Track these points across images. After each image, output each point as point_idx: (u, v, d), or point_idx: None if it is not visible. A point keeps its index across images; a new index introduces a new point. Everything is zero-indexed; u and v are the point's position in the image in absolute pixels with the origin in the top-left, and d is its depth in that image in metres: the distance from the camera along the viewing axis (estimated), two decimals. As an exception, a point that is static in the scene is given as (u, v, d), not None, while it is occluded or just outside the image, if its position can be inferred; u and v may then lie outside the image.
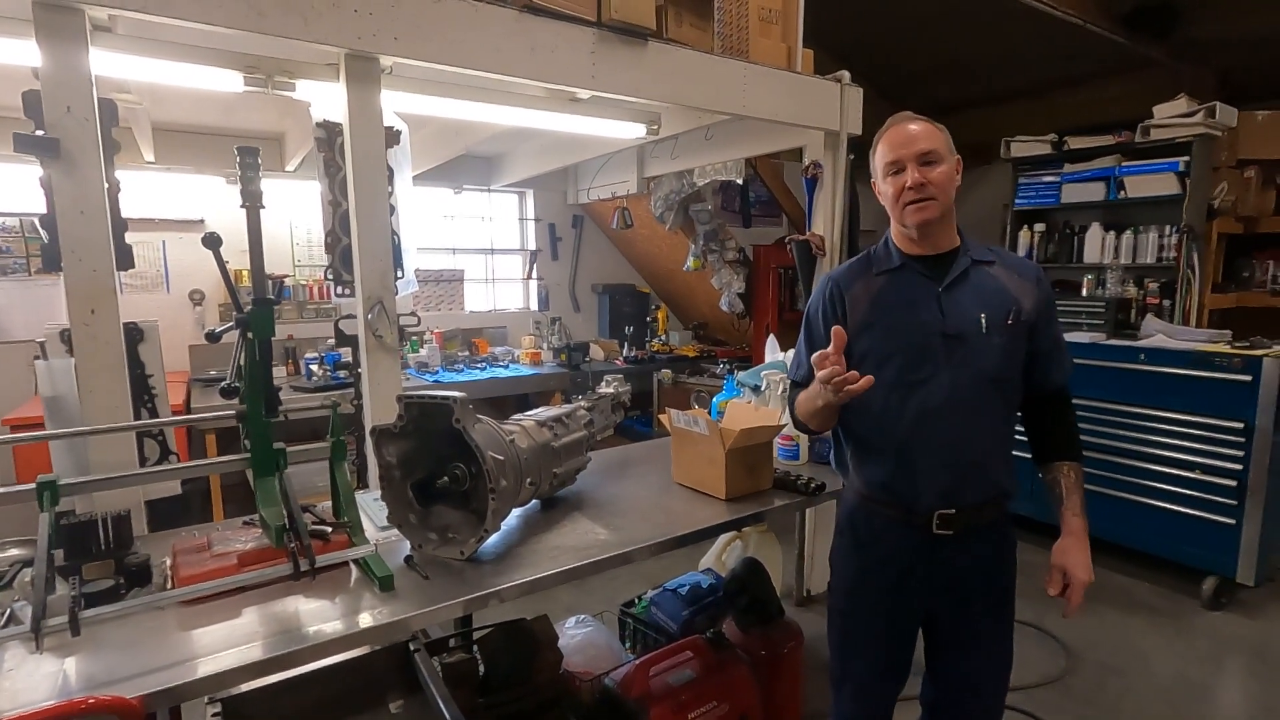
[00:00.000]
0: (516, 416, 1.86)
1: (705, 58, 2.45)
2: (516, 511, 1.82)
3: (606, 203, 4.75)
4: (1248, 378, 2.94)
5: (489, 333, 4.88)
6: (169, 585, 1.38)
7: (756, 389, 2.45)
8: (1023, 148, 4.58)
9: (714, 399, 2.63)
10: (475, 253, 5.08)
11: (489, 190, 4.96)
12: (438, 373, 4.08)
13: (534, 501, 1.87)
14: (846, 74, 2.84)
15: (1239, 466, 2.98)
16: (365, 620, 1.28)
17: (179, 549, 1.45)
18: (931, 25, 5.13)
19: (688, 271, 4.70)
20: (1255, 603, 3.15)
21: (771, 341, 2.83)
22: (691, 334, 5.32)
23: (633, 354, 4.74)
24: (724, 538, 2.89)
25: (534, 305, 5.19)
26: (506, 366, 4.34)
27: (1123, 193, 4.30)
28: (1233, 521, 3.02)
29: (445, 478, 1.55)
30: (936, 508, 1.45)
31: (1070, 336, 3.66)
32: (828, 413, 1.42)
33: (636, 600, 2.55)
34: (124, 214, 1.78)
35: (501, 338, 4.94)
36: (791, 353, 2.71)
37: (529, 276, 5.18)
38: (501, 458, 1.50)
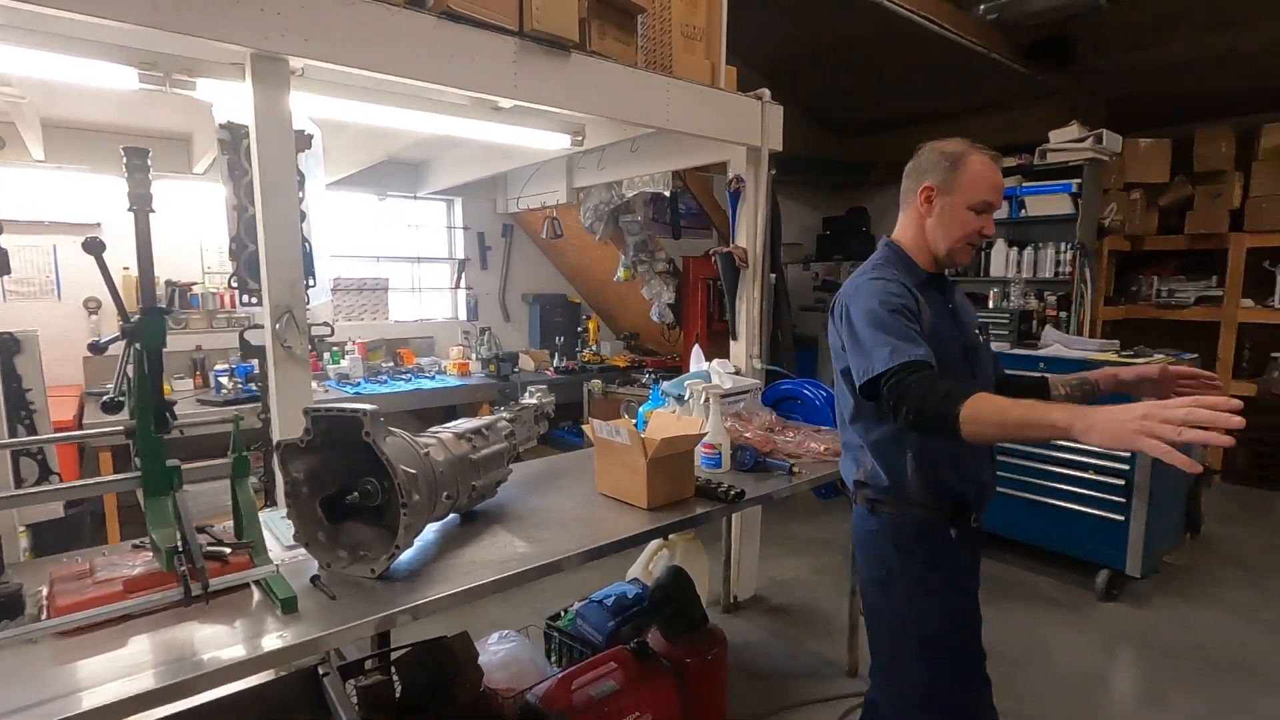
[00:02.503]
0: (434, 429, 1.82)
1: (629, 71, 2.48)
2: (433, 526, 1.77)
3: (536, 212, 4.72)
4: (1132, 384, 3.17)
5: (415, 343, 4.76)
6: (44, 616, 1.27)
7: (680, 398, 2.48)
8: (934, 167, 4.82)
9: (640, 409, 2.65)
10: (401, 261, 4.96)
11: (415, 197, 4.86)
12: (360, 384, 3.95)
13: (452, 515, 1.83)
14: (767, 92, 2.93)
15: (1127, 467, 3.22)
16: (266, 644, 1.22)
17: (57, 576, 1.35)
18: (856, 49, 5.35)
19: (618, 282, 4.72)
20: (1143, 593, 3.39)
21: (697, 352, 2.87)
22: (623, 344, 5.33)
23: (563, 364, 4.72)
24: (651, 547, 2.90)
25: (463, 315, 5.10)
26: (433, 377, 4.24)
27: (1024, 211, 4.59)
28: (1122, 518, 3.25)
29: (356, 493, 1.50)
30: (982, 507, 1.59)
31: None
32: (1034, 432, 1.24)
33: (562, 613, 2.53)
34: (-1, 215, 1.65)
35: (428, 348, 4.82)
36: (715, 364, 2.77)
37: (457, 286, 5.09)
38: (414, 471, 1.47)
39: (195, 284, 3.96)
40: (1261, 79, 5.11)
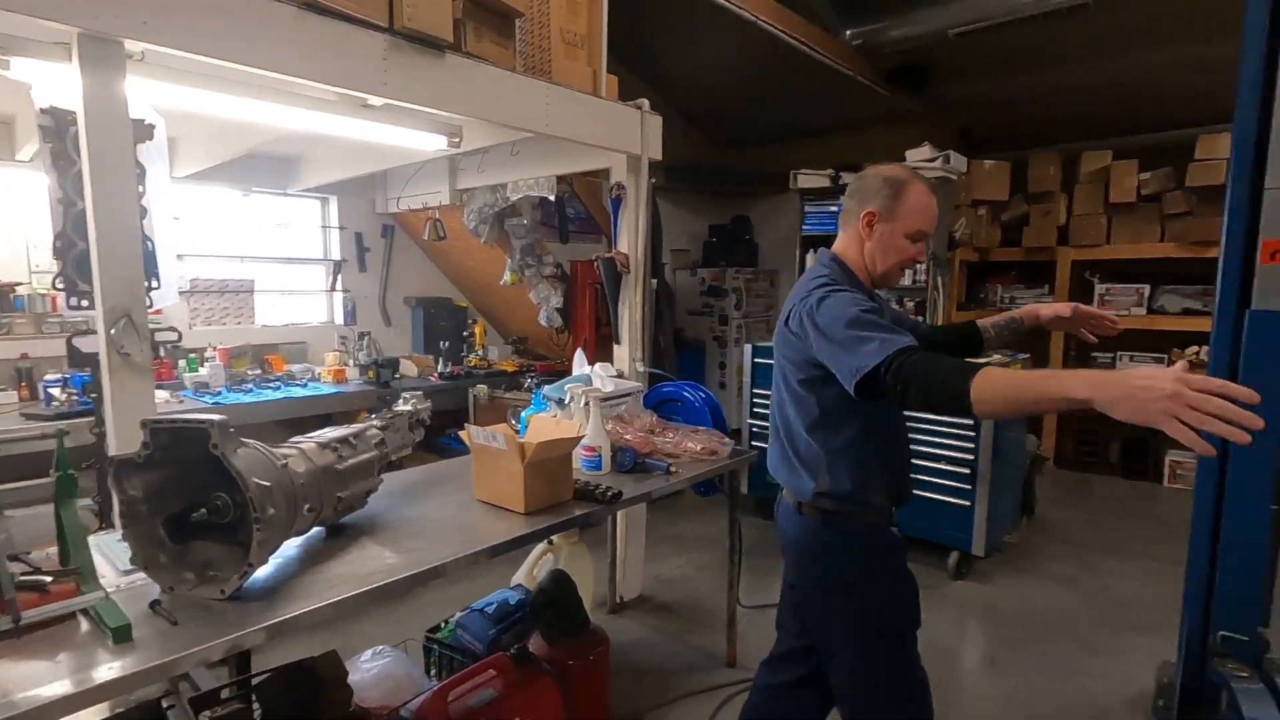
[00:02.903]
0: (296, 439, 1.73)
1: (507, 75, 2.47)
2: (296, 541, 1.69)
3: (418, 213, 4.58)
4: (975, 382, 3.51)
5: (286, 349, 4.48)
6: None
7: (561, 402, 2.49)
8: (806, 179, 5.12)
9: (522, 414, 2.64)
10: (270, 261, 4.65)
11: (285, 194, 4.58)
12: (221, 393, 3.67)
13: (317, 529, 1.75)
14: (646, 102, 3.01)
15: (971, 457, 3.55)
16: (97, 676, 1.12)
17: None
18: (739, 67, 5.58)
19: (505, 286, 4.66)
20: (987, 570, 3.75)
21: (579, 356, 2.90)
22: (511, 349, 5.27)
23: (449, 370, 4.60)
24: (535, 552, 2.89)
25: (339, 319, 4.85)
26: (305, 385, 4.00)
27: (885, 223, 4.97)
28: (968, 504, 3.58)
29: (204, 510, 1.41)
30: (908, 498, 1.71)
31: (845, 348, 4.14)
32: (1051, 406, 1.19)
33: (443, 625, 2.47)
34: None
35: (301, 354, 4.55)
36: (597, 367, 2.81)
37: (333, 288, 4.84)
38: (269, 484, 1.39)
39: (20, 284, 3.53)
40: (1082, 111, 5.81)
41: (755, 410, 4.47)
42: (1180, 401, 0.99)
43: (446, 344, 4.75)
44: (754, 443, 4.48)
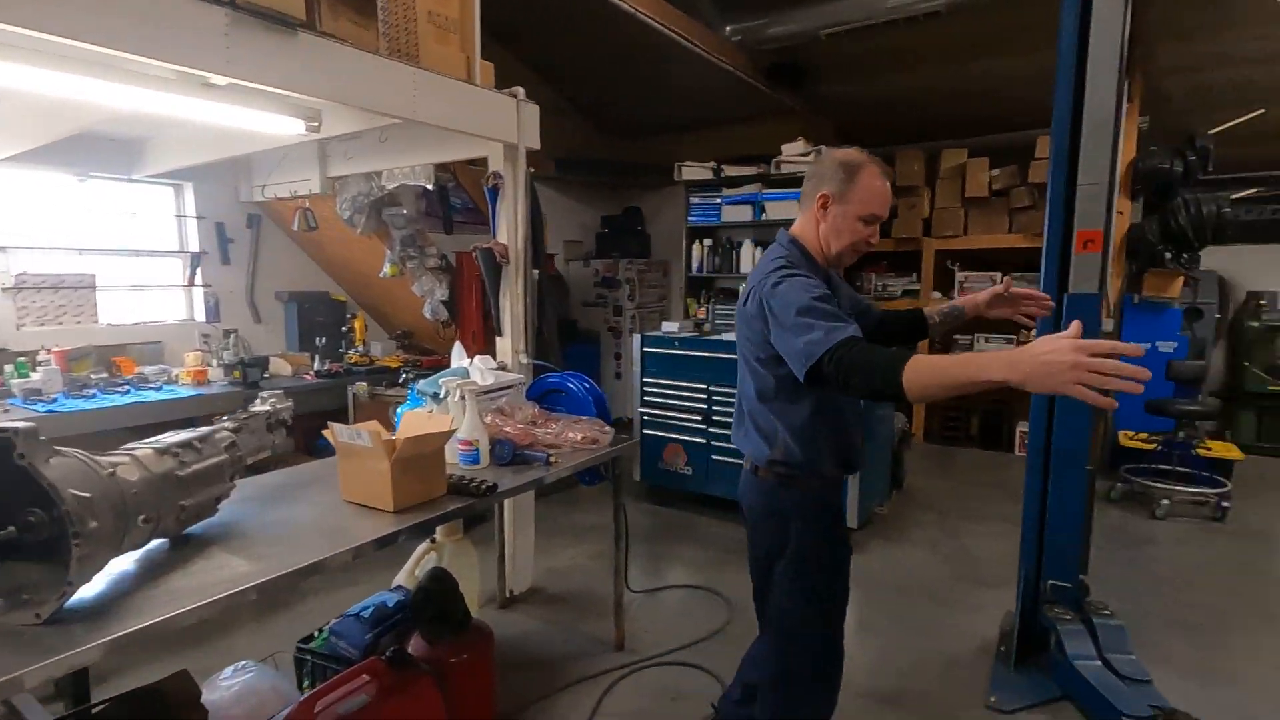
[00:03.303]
0: (130, 445, 1.60)
1: (370, 57, 2.36)
2: (134, 555, 1.56)
3: (287, 202, 4.30)
4: (845, 364, 3.74)
5: (137, 349, 4.09)
6: None
7: (436, 397, 2.44)
8: (690, 172, 5.24)
9: (398, 410, 2.56)
10: (115, 254, 4.23)
11: (130, 180, 4.17)
12: (56, 400, 3.31)
13: (159, 541, 1.63)
14: (522, 90, 2.97)
15: (843, 435, 3.78)
16: None
17: None
18: (627, 59, 5.61)
19: (385, 278, 4.48)
20: (860, 541, 4.01)
21: (457, 349, 2.84)
22: (396, 344, 5.07)
23: (326, 367, 4.36)
24: (418, 551, 2.81)
25: (200, 316, 4.49)
26: (159, 388, 3.68)
27: (765, 215, 5.17)
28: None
29: (11, 528, 1.28)
30: (860, 467, 1.82)
31: (728, 336, 4.28)
32: (973, 388, 1.30)
33: (316, 634, 2.36)
34: None
35: (156, 355, 4.17)
36: (477, 360, 2.76)
37: (192, 283, 4.47)
38: (89, 495, 1.28)
39: None
40: (941, 112, 6.26)
41: (646, 399, 4.55)
42: (1082, 368, 1.11)
43: (323, 340, 4.51)
44: (645, 431, 4.56)
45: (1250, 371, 6.23)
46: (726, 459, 4.22)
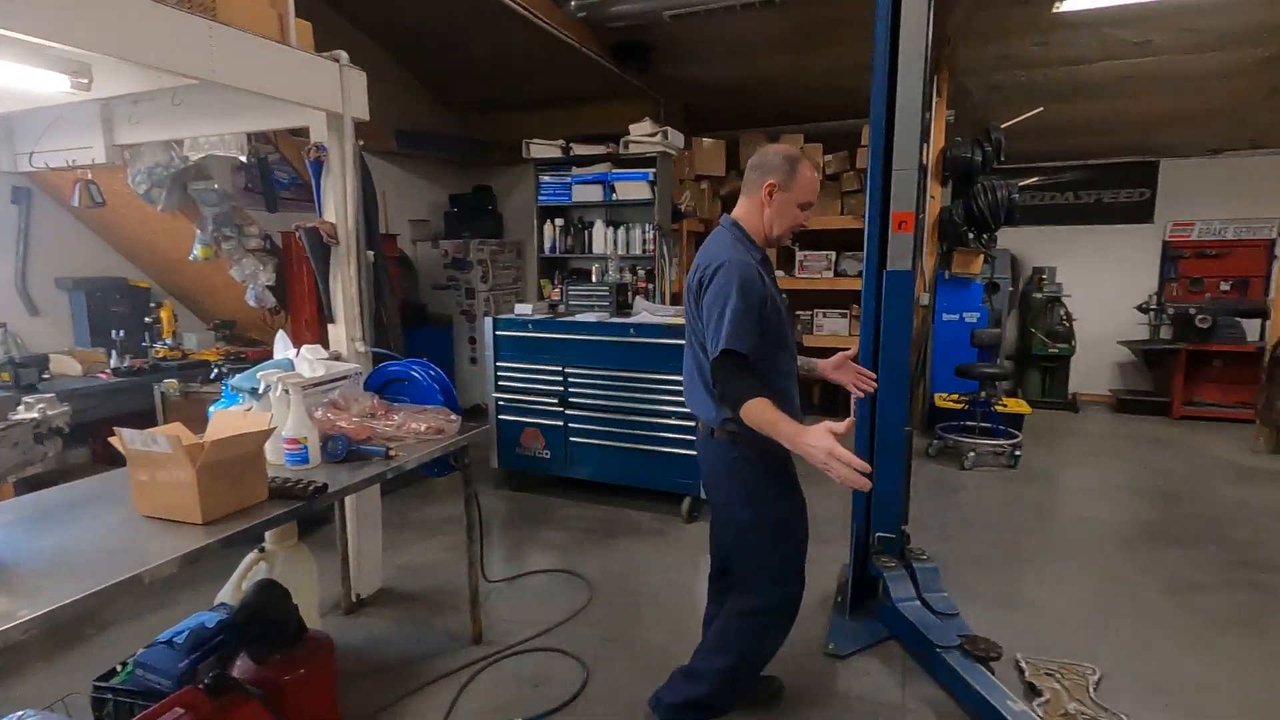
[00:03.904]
0: None
1: (151, 4, 2.04)
2: None
3: (64, 173, 3.67)
4: (695, 342, 3.85)
5: None
6: None
7: (255, 392, 2.20)
8: (539, 150, 5.12)
9: (209, 408, 2.28)
10: None
11: None
12: None
13: (-119, 585, 1.33)
14: (345, 54, 2.73)
15: (695, 410, 3.90)
16: None
17: None
18: (471, 30, 5.33)
19: (196, 261, 3.97)
20: (710, 511, 4.17)
21: (281, 338, 2.58)
22: (215, 335, 4.55)
23: (127, 364, 3.82)
24: (244, 563, 2.55)
25: (-45, 309, 3.76)
26: (-102, 397, 3.04)
27: (615, 195, 5.18)
28: (695, 453, 3.92)
29: None
30: None
31: (582, 317, 4.26)
32: (773, 438, 1.73)
33: (119, 668, 2.07)
34: None
35: (-107, 357, 3.44)
36: (304, 350, 2.53)
37: (-59, 269, 3.72)
38: None
39: None
40: (780, 98, 6.58)
41: (501, 384, 4.42)
42: (828, 465, 1.62)
43: (121, 334, 3.94)
44: (502, 416, 4.44)
45: (1036, 337, 7.20)
46: (585, 440, 4.21)
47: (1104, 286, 7.43)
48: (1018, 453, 5.12)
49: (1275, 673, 2.57)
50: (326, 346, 2.86)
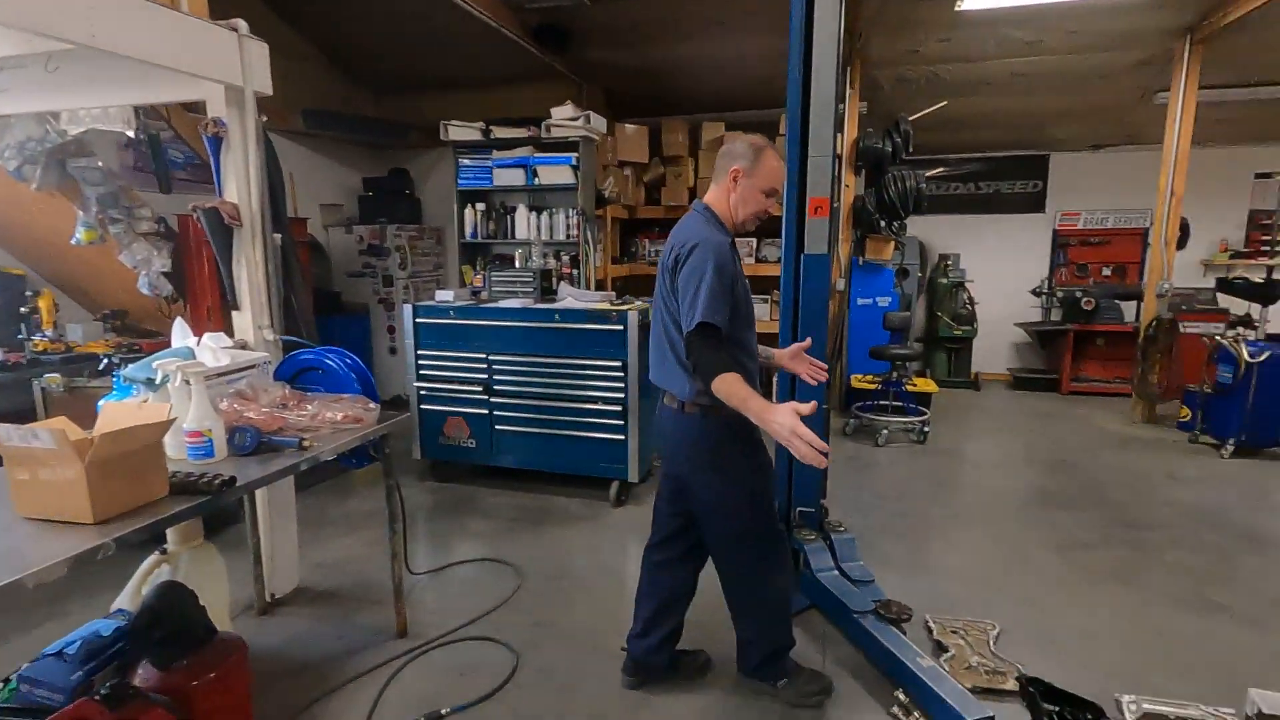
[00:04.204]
0: None
1: (15, -41, 1.85)
2: None
3: (-82, 147, 3.30)
4: (620, 327, 3.86)
5: None
6: None
7: (151, 383, 2.06)
8: (458, 132, 4.99)
9: (99, 401, 2.12)
10: None
11: None
12: None
13: None
14: (244, 23, 2.56)
15: (621, 394, 3.92)
16: None
17: None
18: (386, 8, 5.11)
19: (80, 245, 3.65)
20: (643, 494, 4.23)
21: (179, 326, 2.43)
22: (103, 326, 4.20)
23: (2, 358, 3.49)
24: (144, 566, 2.39)
25: None
26: None
27: (537, 179, 5.11)
28: (622, 437, 3.96)
29: None
30: None
31: (506, 303, 4.19)
32: (741, 411, 1.84)
33: (1, 685, 1.90)
34: None
35: None
36: (206, 338, 2.38)
37: None
38: None
39: None
40: (702, 86, 6.64)
41: (423, 373, 4.30)
42: (790, 441, 1.69)
43: (-8, 325, 3.59)
44: (424, 406, 4.33)
45: (942, 320, 7.62)
46: (511, 428, 4.16)
47: (1002, 272, 7.93)
48: (926, 429, 5.42)
49: (1148, 618, 2.85)
50: (231, 335, 2.70)
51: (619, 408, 3.93)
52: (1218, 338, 5.24)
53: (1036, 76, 6.00)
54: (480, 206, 5.34)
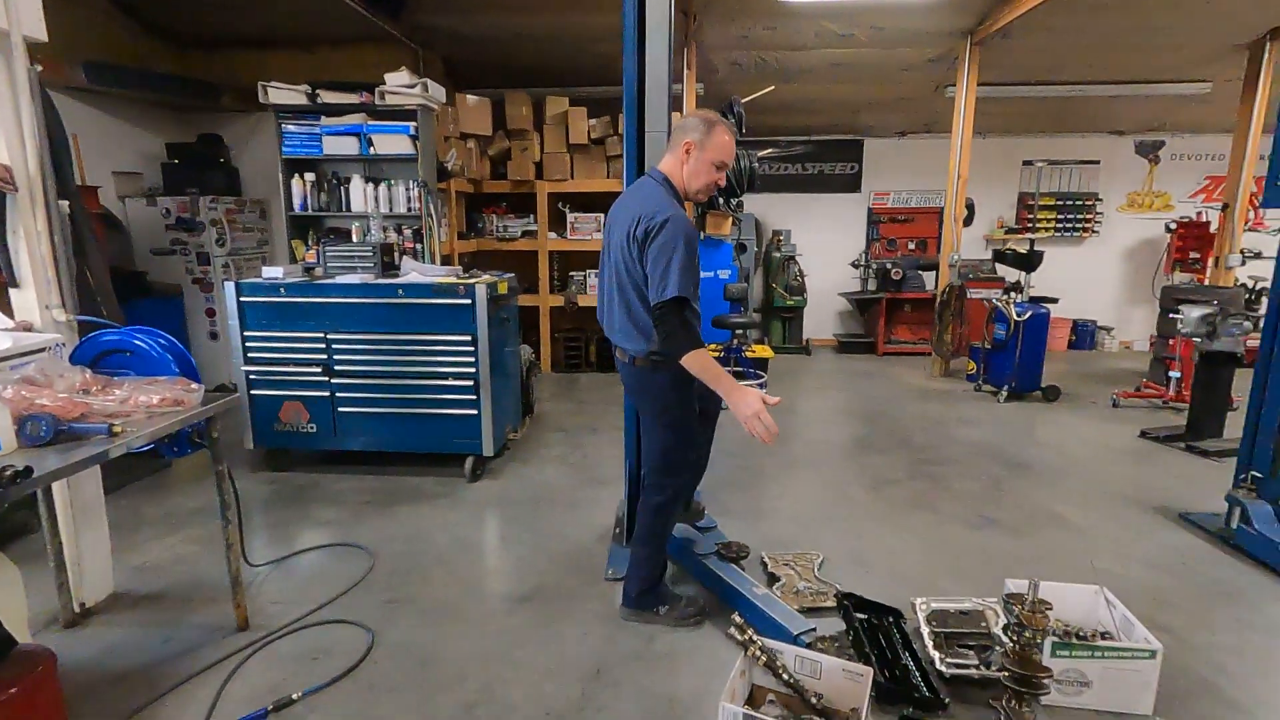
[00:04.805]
0: None
1: None
2: None
3: None
4: (469, 301, 3.82)
5: None
6: None
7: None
8: (280, 95, 4.62)
9: None
10: None
11: None
12: None
13: None
14: (5, -42, 2.22)
15: (472, 369, 3.90)
16: None
17: None
18: None
19: None
20: (497, 468, 4.25)
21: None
22: None
23: None
24: (-86, 585, 2.07)
25: None
26: None
27: (373, 149, 4.86)
28: (475, 412, 3.95)
29: None
30: None
31: (344, 279, 3.99)
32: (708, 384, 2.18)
33: None
34: None
35: None
36: None
37: None
38: None
39: None
40: (545, 59, 6.60)
41: (251, 356, 3.99)
42: (750, 420, 2.10)
43: None
44: (254, 391, 4.03)
45: (776, 291, 8.24)
46: (356, 409, 3.99)
47: (828, 247, 8.70)
48: (764, 390, 5.88)
49: (939, 536, 3.36)
50: (12, 316, 2.37)
51: (470, 383, 3.90)
52: (995, 301, 6.15)
53: (850, 67, 6.61)
54: (310, 177, 4.99)
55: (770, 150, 8.14)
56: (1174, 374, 5.62)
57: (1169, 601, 2.76)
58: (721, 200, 6.58)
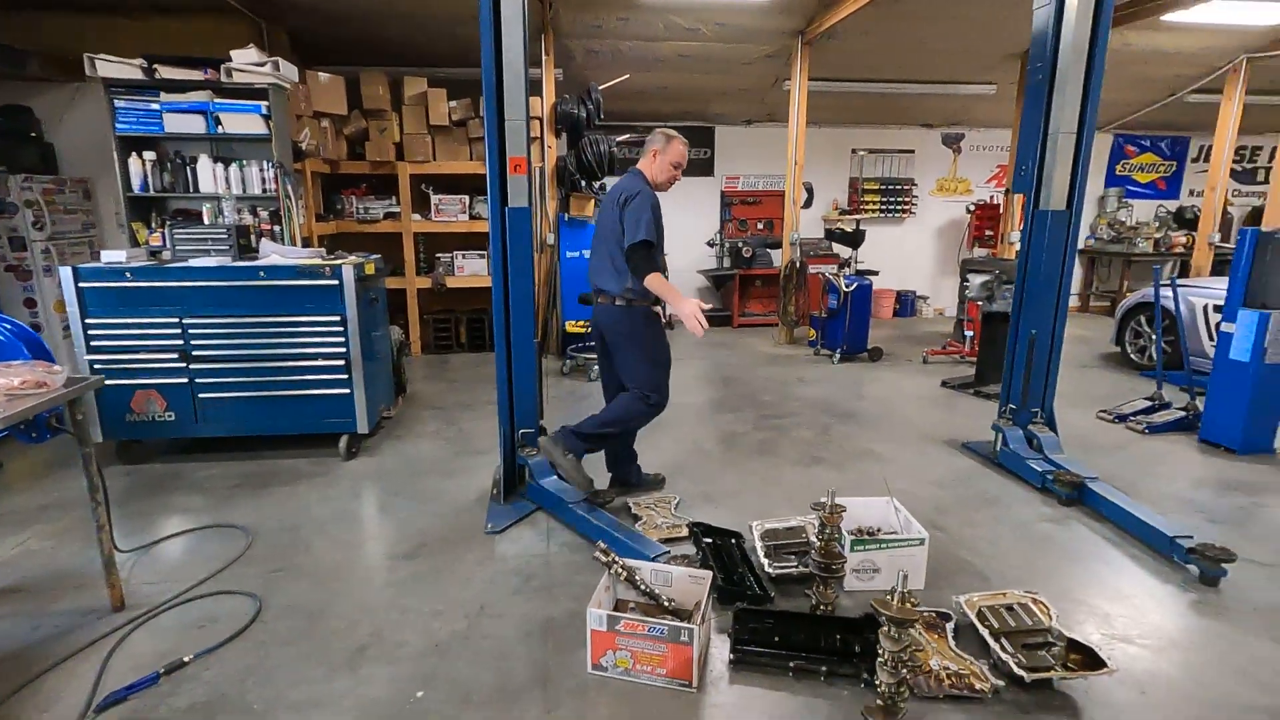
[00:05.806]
0: None
1: None
2: None
3: None
4: (335, 282, 3.88)
5: None
6: None
7: None
8: (111, 69, 4.34)
9: None
10: None
11: None
12: None
13: None
14: None
15: (343, 349, 3.96)
16: None
17: None
18: None
19: None
20: (374, 445, 4.35)
21: None
22: None
23: None
24: None
25: None
26: None
27: (221, 128, 4.69)
28: (347, 391, 4.02)
29: None
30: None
31: (198, 262, 3.90)
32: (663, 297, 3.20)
33: None
34: None
35: None
36: None
37: None
38: None
39: None
40: (404, 38, 6.51)
41: (95, 345, 3.80)
42: (690, 315, 3.09)
43: None
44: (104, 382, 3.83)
45: (640, 270, 8.66)
46: (219, 395, 3.93)
47: (686, 227, 9.25)
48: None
49: (777, 475, 3.92)
50: None
51: (341, 362, 3.97)
52: (828, 274, 6.94)
53: (698, 59, 7.11)
54: (150, 156, 4.70)
55: (629, 135, 8.51)
56: (968, 333, 6.67)
57: (946, 509, 3.47)
58: (584, 182, 6.88)
